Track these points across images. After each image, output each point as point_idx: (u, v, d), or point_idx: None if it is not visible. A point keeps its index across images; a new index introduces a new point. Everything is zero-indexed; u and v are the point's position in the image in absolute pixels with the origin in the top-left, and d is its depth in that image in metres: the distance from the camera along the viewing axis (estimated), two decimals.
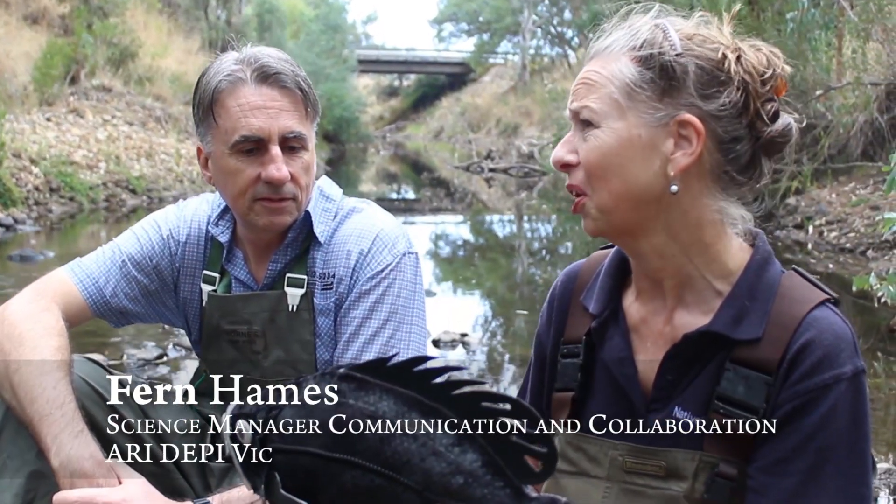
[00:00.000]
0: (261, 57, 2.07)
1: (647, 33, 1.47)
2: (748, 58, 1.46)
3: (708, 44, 1.46)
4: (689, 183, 1.47)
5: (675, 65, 1.45)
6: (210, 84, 2.07)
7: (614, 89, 1.47)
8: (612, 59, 1.49)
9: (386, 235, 2.16)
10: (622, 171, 1.48)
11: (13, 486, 1.97)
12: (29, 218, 13.27)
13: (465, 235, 18.13)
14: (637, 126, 1.46)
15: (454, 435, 1.24)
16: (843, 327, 1.44)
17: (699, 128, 1.44)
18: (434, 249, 15.69)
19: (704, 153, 1.46)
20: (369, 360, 1.31)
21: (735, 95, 1.44)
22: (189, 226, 2.28)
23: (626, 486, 1.52)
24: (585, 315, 1.64)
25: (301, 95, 2.08)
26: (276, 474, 1.32)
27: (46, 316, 2.06)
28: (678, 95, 1.45)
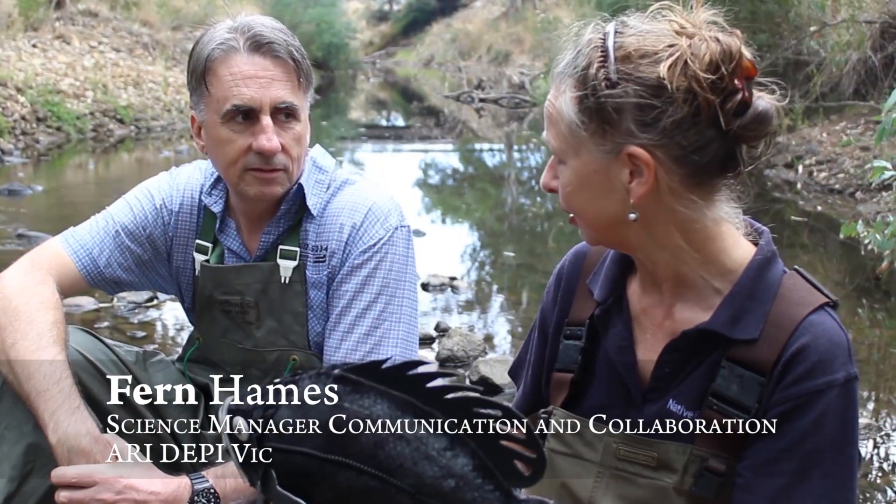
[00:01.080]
0: (254, 26, 2.06)
1: (585, 57, 1.45)
2: (696, 61, 1.40)
3: (647, 61, 1.42)
4: (657, 202, 1.47)
5: (607, 104, 1.42)
6: (203, 52, 2.06)
7: (564, 127, 1.48)
8: (561, 88, 1.48)
9: (378, 209, 2.17)
10: (589, 204, 1.51)
11: (11, 457, 2.00)
12: (16, 149, 13.18)
13: (454, 164, 18.08)
14: (590, 162, 1.47)
15: (446, 439, 1.27)
16: (839, 333, 1.46)
17: (646, 159, 1.43)
18: (423, 178, 15.67)
19: (663, 175, 1.44)
20: (364, 362, 1.33)
21: (681, 112, 1.40)
22: (182, 195, 2.28)
23: (617, 472, 1.56)
24: (590, 299, 1.67)
25: (294, 66, 2.07)
26: (272, 471, 1.35)
27: (42, 289, 2.07)
28: (618, 129, 1.43)
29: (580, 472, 1.59)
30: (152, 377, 2.25)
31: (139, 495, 1.87)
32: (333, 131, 22.94)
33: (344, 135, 22.61)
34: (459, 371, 4.67)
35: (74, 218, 7.91)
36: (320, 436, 1.30)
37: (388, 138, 22.95)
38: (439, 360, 4.79)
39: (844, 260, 7.21)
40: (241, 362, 2.26)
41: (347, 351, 2.13)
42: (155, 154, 15.37)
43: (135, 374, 2.21)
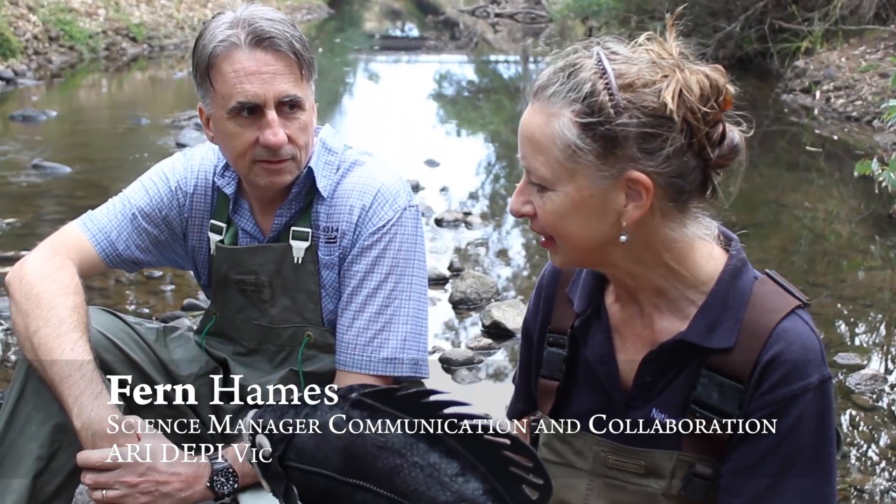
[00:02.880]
0: (255, 20, 2.08)
1: (588, 85, 1.46)
2: (690, 91, 1.45)
3: (649, 89, 1.45)
4: (647, 224, 1.52)
5: (616, 132, 1.45)
6: (206, 49, 2.08)
7: (558, 153, 1.49)
8: (553, 112, 1.49)
9: (387, 190, 2.22)
10: (580, 229, 1.54)
11: (39, 436, 2.07)
12: (29, 69, 13.15)
13: (469, 76, 17.97)
14: (587, 187, 1.49)
15: (458, 465, 1.33)
16: (811, 337, 1.52)
17: (647, 183, 1.47)
18: (438, 90, 15.60)
19: (656, 199, 1.49)
20: (380, 388, 1.38)
21: (679, 140, 1.46)
22: (196, 176, 2.32)
23: (608, 480, 1.63)
24: (570, 307, 1.72)
25: (295, 58, 2.09)
26: (293, 486, 1.41)
27: (62, 275, 2.12)
28: (622, 155, 1.46)
29: (573, 480, 1.65)
30: (172, 352, 2.31)
31: (160, 476, 1.94)
32: (347, 44, 22.77)
33: (358, 46, 22.44)
34: (472, 314, 4.74)
35: (89, 147, 8.01)
36: (338, 459, 1.36)
37: (402, 50, 22.77)
38: (452, 303, 4.85)
39: (860, 194, 7.19)
40: (257, 338, 2.33)
41: (359, 329, 2.19)
42: (168, 73, 15.33)
43: (155, 351, 2.27)
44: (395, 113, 12.09)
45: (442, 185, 7.66)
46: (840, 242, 6.27)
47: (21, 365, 2.11)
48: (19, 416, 2.08)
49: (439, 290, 5.06)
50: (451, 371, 4.08)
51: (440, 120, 12.40)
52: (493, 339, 4.33)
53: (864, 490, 3.06)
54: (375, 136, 9.95)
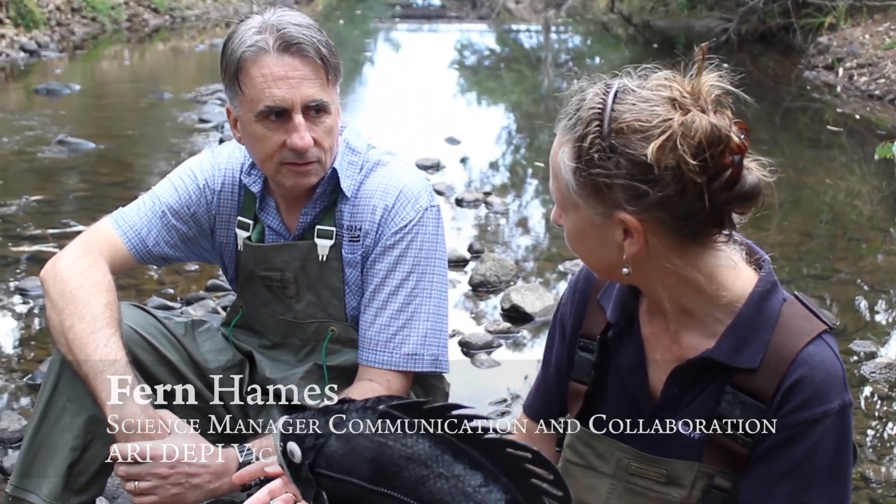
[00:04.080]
0: (283, 25, 2.12)
1: (582, 126, 1.49)
2: (685, 141, 1.43)
3: (638, 137, 1.45)
4: (651, 259, 1.54)
5: (597, 180, 1.48)
6: (235, 53, 2.13)
7: (563, 184, 1.55)
8: (561, 143, 1.54)
9: (409, 191, 2.27)
10: (588, 253, 1.62)
11: (73, 427, 2.14)
12: (52, 41, 13.20)
13: (491, 45, 17.92)
14: (585, 219, 1.55)
15: (482, 476, 1.38)
16: (835, 363, 1.55)
17: (636, 226, 1.50)
18: (459, 59, 15.56)
19: (653, 238, 1.51)
20: (408, 400, 1.43)
21: (667, 189, 1.46)
22: (223, 174, 2.37)
23: (629, 485, 1.68)
24: (601, 314, 1.75)
25: (322, 63, 2.14)
26: (323, 493, 1.46)
27: (94, 272, 2.18)
28: (609, 199, 1.50)
29: (594, 482, 1.71)
30: (200, 346, 2.38)
31: (190, 469, 2.01)
32: (369, 14, 22.72)
33: (379, 16, 22.38)
34: (491, 297, 4.78)
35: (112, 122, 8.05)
36: (367, 468, 1.41)
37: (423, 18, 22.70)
38: (472, 285, 4.89)
39: (881, 173, 7.17)
40: (283, 332, 2.40)
41: (382, 325, 2.26)
42: (189, 44, 15.35)
43: (184, 345, 2.34)
44: (415, 85, 12.07)
45: (463, 164, 7.69)
46: (861, 223, 6.27)
47: (55, 358, 2.17)
48: (54, 407, 2.15)
49: (459, 273, 5.09)
50: (469, 355, 4.12)
51: (461, 90, 12.39)
52: (512, 323, 4.35)
53: (877, 480, 3.10)
54: (396, 111, 9.97)
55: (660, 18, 17.10)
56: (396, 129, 8.68)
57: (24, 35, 12.60)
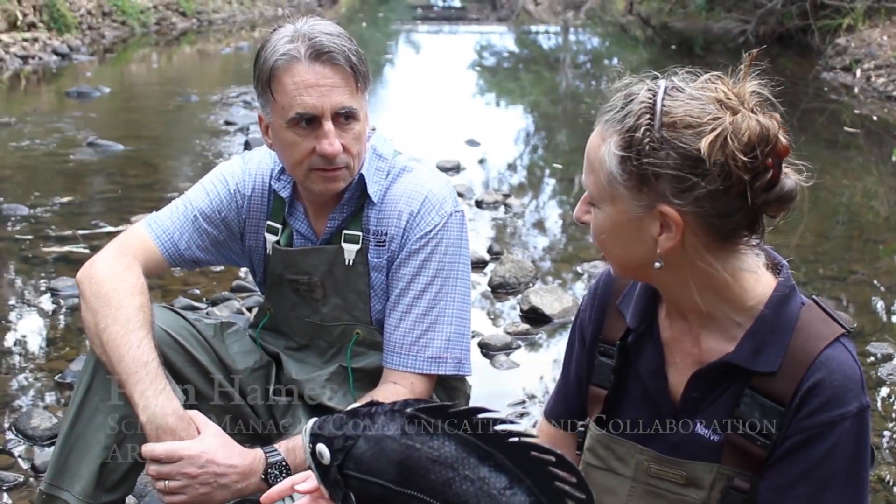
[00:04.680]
0: (315, 34, 2.17)
1: (633, 118, 1.52)
2: (735, 139, 1.47)
3: (690, 131, 1.49)
4: (681, 255, 1.57)
5: (647, 170, 1.51)
6: (268, 62, 2.18)
7: (603, 176, 1.56)
8: (605, 137, 1.56)
9: (434, 197, 2.31)
10: (618, 248, 1.62)
11: (106, 426, 2.19)
12: (83, 45, 13.34)
13: (510, 47, 17.92)
14: (624, 212, 1.56)
15: (507, 478, 1.41)
16: (853, 367, 1.57)
17: (677, 219, 1.52)
18: (478, 60, 15.57)
19: (689, 234, 1.54)
20: (434, 404, 1.46)
21: (714, 184, 1.48)
22: (254, 179, 2.42)
23: (649, 487, 1.71)
24: (620, 320, 1.79)
25: (352, 71, 2.19)
26: (351, 494, 1.50)
27: (128, 275, 2.23)
28: (655, 190, 1.52)
29: (614, 485, 1.74)
30: (229, 347, 2.43)
31: (219, 468, 2.06)
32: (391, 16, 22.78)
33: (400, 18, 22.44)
34: (510, 298, 4.80)
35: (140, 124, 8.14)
36: (394, 470, 1.45)
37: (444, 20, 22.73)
38: (491, 287, 4.91)
39: None
40: (309, 334, 2.45)
41: (406, 329, 2.30)
42: (216, 47, 15.46)
43: (213, 346, 2.38)
44: (436, 86, 12.11)
45: (482, 166, 7.72)
46: (878, 224, 6.27)
47: (90, 358, 2.22)
48: (88, 407, 2.20)
49: (478, 274, 5.12)
50: (489, 356, 4.15)
51: (481, 92, 12.42)
52: (530, 325, 4.37)
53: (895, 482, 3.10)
54: (417, 113, 10.00)
55: (678, 20, 17.08)
56: (417, 131, 8.73)
57: (57, 39, 12.75)
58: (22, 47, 12.03)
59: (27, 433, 3.25)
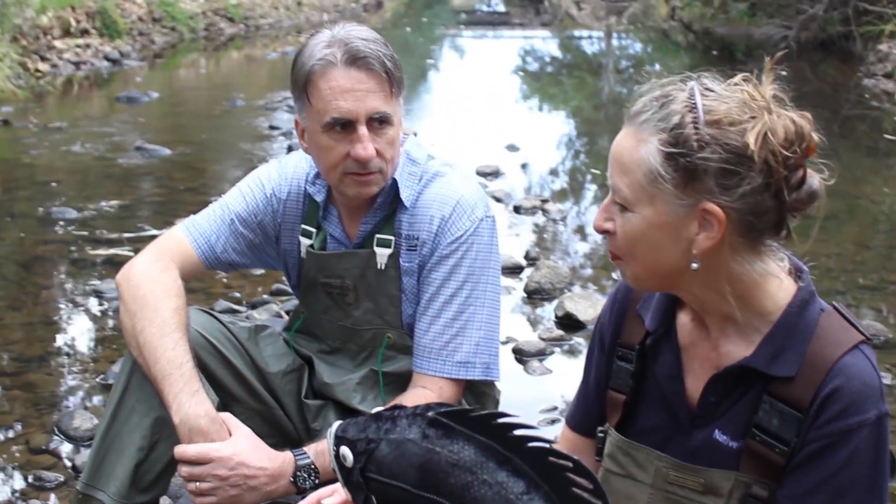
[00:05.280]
0: (350, 40, 2.20)
1: (677, 116, 1.53)
2: (775, 136, 1.50)
3: (735, 128, 1.51)
4: (717, 255, 1.57)
5: (696, 165, 1.52)
6: (304, 67, 2.22)
7: (641, 176, 1.56)
8: (643, 138, 1.56)
9: (465, 202, 2.33)
10: (651, 252, 1.60)
11: (141, 427, 2.22)
12: (133, 50, 13.55)
13: (553, 52, 17.89)
14: (663, 213, 1.56)
15: (524, 483, 1.42)
16: (871, 374, 1.57)
17: (720, 216, 1.53)
18: (522, 65, 15.56)
19: (727, 233, 1.55)
20: (455, 408, 1.47)
21: (757, 180, 1.51)
22: (290, 183, 2.46)
23: (667, 494, 1.71)
24: (640, 324, 1.79)
25: (386, 77, 2.21)
26: (372, 497, 1.52)
27: (165, 277, 2.27)
28: (700, 187, 1.53)
29: (634, 492, 1.74)
30: (262, 350, 2.46)
31: (249, 471, 2.08)
32: (435, 21, 22.83)
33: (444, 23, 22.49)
34: (545, 304, 4.80)
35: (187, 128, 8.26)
36: (415, 473, 1.47)
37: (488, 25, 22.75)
38: (527, 293, 4.91)
39: None
40: (341, 338, 2.47)
41: (436, 333, 2.32)
42: (262, 52, 15.61)
43: (247, 349, 2.42)
44: (478, 91, 12.12)
45: (521, 171, 7.73)
46: None
47: (127, 359, 2.26)
48: (124, 407, 2.24)
49: (514, 280, 5.13)
50: (522, 362, 4.14)
51: (523, 97, 12.41)
52: (565, 331, 4.37)
53: None
54: (459, 117, 10.03)
55: (720, 26, 16.94)
56: (458, 136, 8.75)
57: (108, 45, 12.97)
58: (75, 53, 12.25)
59: (69, 434, 3.31)
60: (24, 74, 10.72)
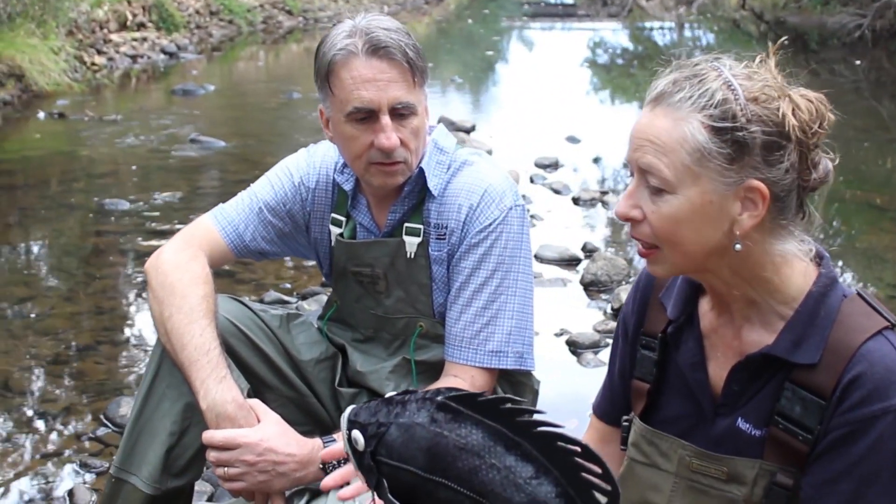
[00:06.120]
0: (372, 30, 2.19)
1: (721, 93, 1.51)
2: (800, 112, 1.51)
3: (770, 104, 1.51)
4: (757, 234, 1.56)
5: (747, 138, 1.50)
6: (326, 56, 2.22)
7: (686, 155, 1.52)
8: (682, 117, 1.53)
9: (494, 190, 2.31)
10: (694, 235, 1.56)
11: (172, 413, 2.24)
12: (190, 43, 13.72)
13: (623, 43, 17.77)
14: (709, 192, 1.53)
15: (533, 468, 1.40)
16: (895, 359, 1.52)
17: (765, 192, 1.51)
18: (591, 57, 15.47)
19: (768, 211, 1.53)
20: (464, 392, 1.46)
21: (794, 155, 1.52)
22: (318, 172, 2.46)
23: (691, 483, 1.68)
24: (662, 312, 1.76)
25: (409, 66, 2.20)
26: (384, 479, 1.52)
27: (193, 265, 2.28)
28: (746, 162, 1.51)
29: (658, 480, 1.72)
30: (295, 338, 2.46)
31: (277, 457, 2.08)
32: (498, 13, 22.78)
33: (509, 14, 22.43)
34: (602, 296, 4.77)
35: (243, 121, 8.36)
36: (423, 457, 1.46)
37: (554, 17, 22.65)
38: (583, 285, 4.89)
39: None
40: (374, 326, 2.46)
41: (466, 323, 2.30)
42: None
43: (279, 337, 2.42)
44: (545, 83, 12.08)
45: (581, 163, 7.67)
46: None
47: (157, 346, 2.28)
48: (155, 393, 2.26)
49: (571, 272, 5.11)
50: (576, 353, 4.13)
51: (594, 88, 12.34)
52: None
53: None
54: (521, 109, 9.98)
55: (792, 14, 16.68)
56: (519, 128, 8.71)
57: (165, 38, 13.13)
58: (131, 47, 12.44)
59: (115, 421, 3.37)
60: (80, 68, 10.93)
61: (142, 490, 2.22)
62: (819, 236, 1.65)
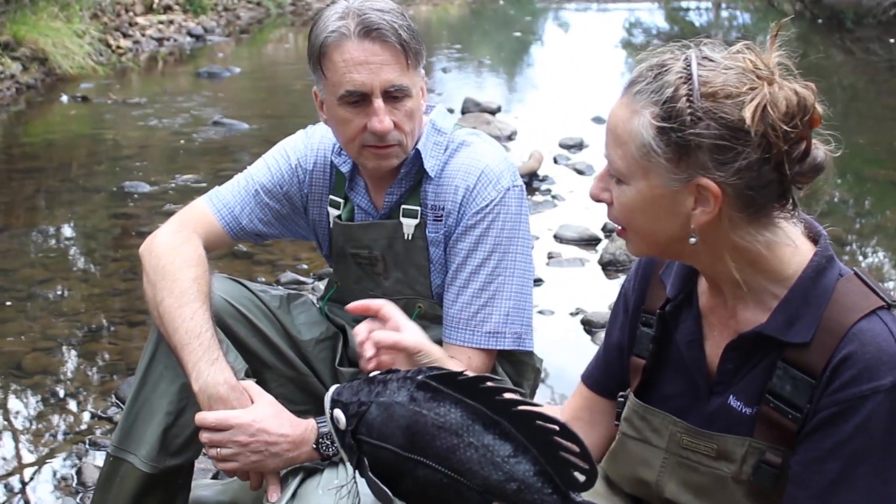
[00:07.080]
0: (365, 11, 2.17)
1: (671, 88, 1.48)
2: (775, 109, 1.45)
3: (731, 101, 1.46)
4: (716, 229, 1.53)
5: (689, 141, 1.46)
6: (318, 39, 2.20)
7: (635, 150, 1.51)
8: (637, 110, 1.52)
9: (491, 171, 2.28)
10: (648, 225, 1.58)
11: (169, 393, 2.25)
12: (218, 26, 13.74)
13: (659, 24, 17.66)
14: (658, 187, 1.52)
15: (511, 447, 1.40)
16: (888, 340, 1.50)
17: (716, 191, 1.48)
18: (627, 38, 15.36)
19: (725, 207, 1.50)
20: (444, 371, 1.46)
21: (754, 155, 1.46)
22: (316, 154, 2.44)
23: (681, 459, 1.68)
24: (663, 290, 1.76)
25: (402, 48, 2.17)
26: (364, 458, 1.51)
27: (186, 248, 2.27)
28: (694, 162, 1.48)
29: (648, 455, 1.72)
30: (295, 318, 2.45)
31: (270, 437, 2.07)
32: None
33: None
34: (619, 276, 4.74)
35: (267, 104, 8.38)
36: (402, 436, 1.46)
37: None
38: (601, 265, 4.87)
39: None
40: None
41: (464, 304, 2.28)
42: None
43: (278, 317, 2.41)
44: (578, 64, 12.01)
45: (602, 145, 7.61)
46: None
47: (154, 328, 2.28)
48: (152, 374, 2.26)
49: (590, 251, 5.08)
50: (591, 333, 4.11)
51: (628, 69, 12.24)
52: None
53: None
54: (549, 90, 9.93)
55: None
56: (546, 109, 8.66)
57: (192, 21, 13.16)
58: (158, 29, 12.48)
59: (125, 401, 3.37)
60: (105, 51, 10.96)
61: (140, 469, 2.23)
62: (849, 214, 1.60)
